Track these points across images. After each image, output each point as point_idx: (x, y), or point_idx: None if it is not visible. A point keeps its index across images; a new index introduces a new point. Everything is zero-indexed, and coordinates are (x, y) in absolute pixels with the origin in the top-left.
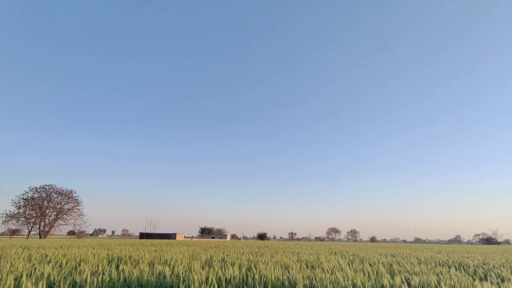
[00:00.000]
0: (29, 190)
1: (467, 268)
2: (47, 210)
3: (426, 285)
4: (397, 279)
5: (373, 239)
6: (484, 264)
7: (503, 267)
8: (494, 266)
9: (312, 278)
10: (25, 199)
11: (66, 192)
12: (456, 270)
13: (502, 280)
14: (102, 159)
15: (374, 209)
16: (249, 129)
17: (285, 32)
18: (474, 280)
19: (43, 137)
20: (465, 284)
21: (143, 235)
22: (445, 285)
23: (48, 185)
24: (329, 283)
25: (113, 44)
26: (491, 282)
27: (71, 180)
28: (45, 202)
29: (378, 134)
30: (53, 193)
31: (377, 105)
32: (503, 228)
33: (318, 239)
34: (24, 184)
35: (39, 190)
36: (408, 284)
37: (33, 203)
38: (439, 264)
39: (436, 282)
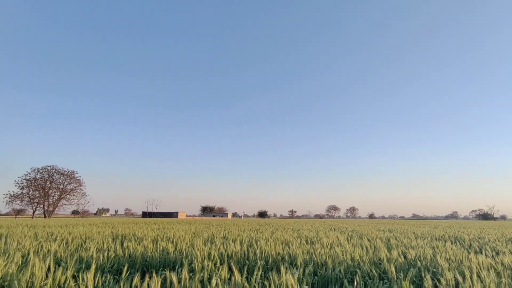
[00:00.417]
0: (31, 171)
1: (463, 242)
2: (50, 191)
3: (422, 258)
4: (394, 253)
5: (371, 216)
6: (479, 238)
7: (498, 241)
8: (489, 240)
9: (311, 253)
10: (28, 180)
11: (68, 172)
12: (452, 244)
13: (497, 253)
14: (104, 140)
15: (373, 186)
16: (250, 110)
17: (282, 21)
18: (469, 253)
19: (44, 119)
20: (460, 257)
21: (145, 214)
22: (440, 257)
23: (50, 166)
24: (328, 257)
25: (113, 28)
26: (486, 255)
27: (74, 161)
28: (48, 183)
29: (377, 114)
30: (55, 174)
31: (376, 88)
32: (499, 204)
33: (317, 216)
34: (26, 165)
35: (41, 171)
36: (405, 257)
37: (36, 184)
38: (435, 239)
39: (432, 255)
